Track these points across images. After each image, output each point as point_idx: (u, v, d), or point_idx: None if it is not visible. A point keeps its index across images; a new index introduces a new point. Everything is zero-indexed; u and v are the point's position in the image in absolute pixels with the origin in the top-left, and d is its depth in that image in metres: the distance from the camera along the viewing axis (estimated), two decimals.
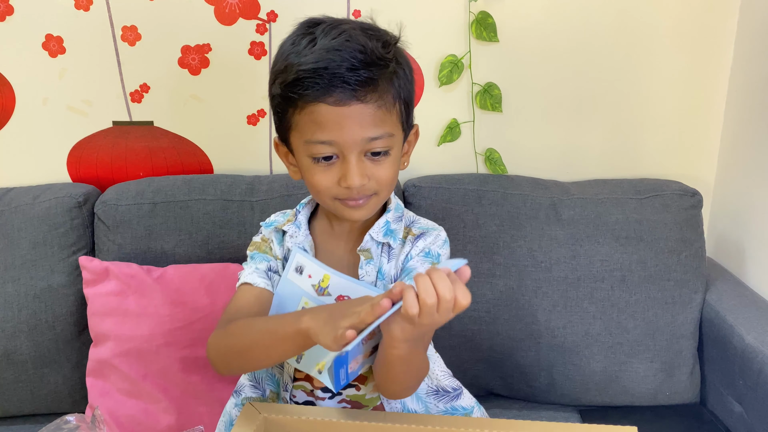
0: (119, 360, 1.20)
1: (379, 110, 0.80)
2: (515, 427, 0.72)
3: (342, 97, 0.78)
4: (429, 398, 0.95)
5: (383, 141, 0.82)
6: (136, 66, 1.38)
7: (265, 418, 0.77)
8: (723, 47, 1.37)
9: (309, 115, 0.80)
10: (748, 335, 1.15)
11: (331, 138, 0.80)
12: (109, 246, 1.30)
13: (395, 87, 0.82)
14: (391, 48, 0.82)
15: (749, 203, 1.35)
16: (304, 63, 0.78)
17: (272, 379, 0.97)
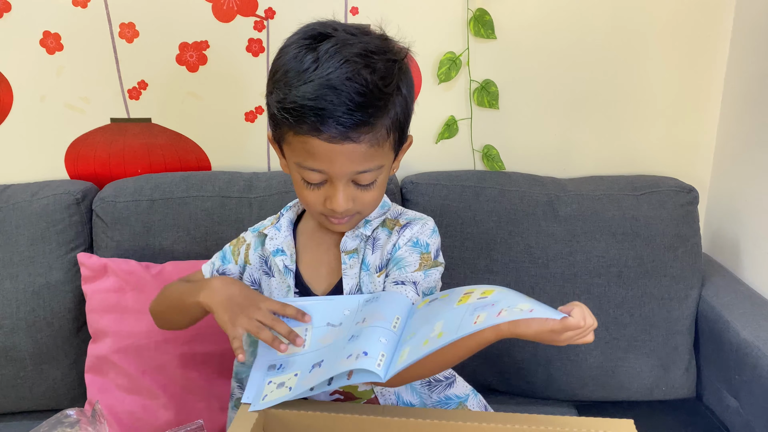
0: (118, 356, 1.20)
1: (372, 147, 0.81)
2: (512, 420, 0.72)
3: (335, 135, 0.78)
4: (423, 389, 0.95)
5: (372, 174, 0.84)
6: (134, 63, 1.38)
7: (264, 412, 0.77)
8: (719, 44, 1.38)
9: (302, 143, 0.81)
10: (743, 330, 1.16)
11: (322, 168, 0.81)
12: (107, 243, 1.30)
13: (390, 118, 0.81)
14: (392, 78, 0.81)
15: (745, 199, 1.35)
16: (303, 94, 0.77)
17: None
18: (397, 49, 0.84)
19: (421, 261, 0.90)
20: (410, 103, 0.86)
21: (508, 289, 0.78)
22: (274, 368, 0.84)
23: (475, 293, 0.78)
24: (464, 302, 0.77)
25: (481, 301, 0.75)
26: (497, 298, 0.75)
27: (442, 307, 0.78)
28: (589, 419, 0.72)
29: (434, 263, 0.91)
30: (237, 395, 0.99)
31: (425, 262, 0.90)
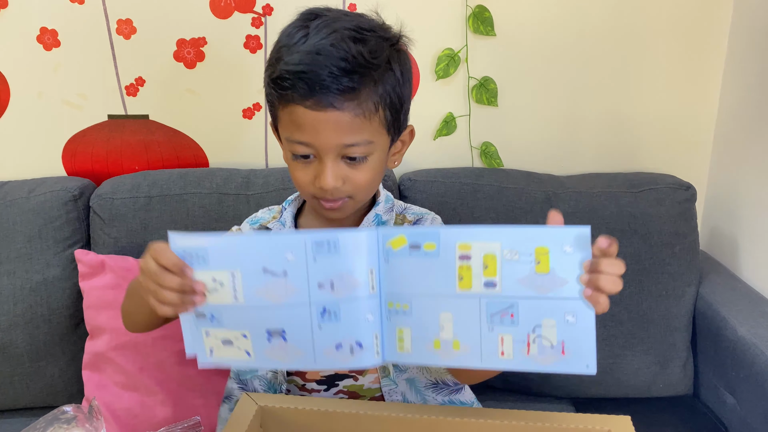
0: (115, 353, 1.20)
1: (357, 118, 0.79)
2: (509, 417, 0.72)
3: (319, 102, 0.77)
4: (427, 391, 0.94)
5: (361, 148, 0.81)
6: (132, 59, 1.38)
7: (262, 408, 0.77)
8: (717, 42, 1.38)
9: (289, 114, 0.80)
10: (740, 327, 1.16)
11: (308, 140, 0.80)
12: (104, 239, 1.30)
13: (378, 94, 0.80)
14: (382, 52, 0.80)
15: (742, 197, 1.36)
16: (289, 62, 0.78)
17: (267, 382, 0.95)
18: (392, 33, 0.84)
19: None
20: (405, 86, 0.84)
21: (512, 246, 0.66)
22: (203, 317, 0.72)
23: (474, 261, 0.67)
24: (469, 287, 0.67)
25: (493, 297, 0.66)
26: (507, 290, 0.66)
27: (439, 279, 0.68)
28: (586, 415, 0.72)
29: None
30: (237, 397, 0.96)
31: None
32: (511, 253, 0.66)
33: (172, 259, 0.69)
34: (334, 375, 0.91)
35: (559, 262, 0.65)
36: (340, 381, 0.92)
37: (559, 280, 0.65)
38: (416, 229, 0.72)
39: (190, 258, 0.70)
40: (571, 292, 0.66)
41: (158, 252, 0.69)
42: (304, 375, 0.92)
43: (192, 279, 0.69)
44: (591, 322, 0.67)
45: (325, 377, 0.92)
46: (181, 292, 0.69)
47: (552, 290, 0.66)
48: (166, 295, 0.69)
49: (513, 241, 0.66)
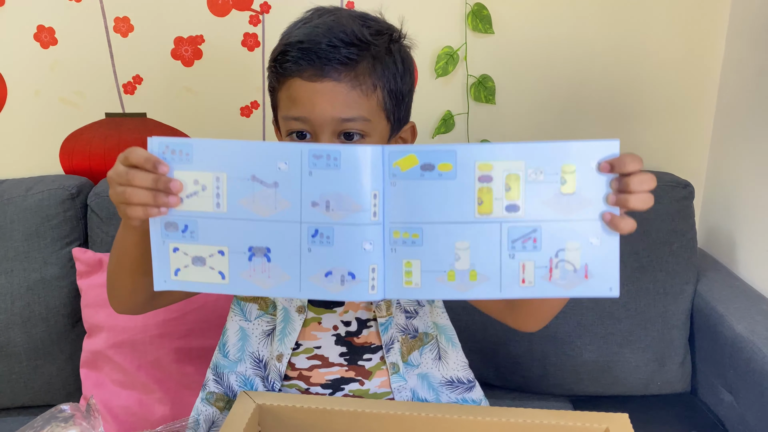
0: (113, 351, 1.20)
1: (353, 91, 0.78)
2: (507, 414, 0.72)
3: (315, 72, 0.77)
4: (442, 388, 0.93)
5: (358, 124, 0.79)
6: (129, 57, 1.38)
7: (260, 407, 0.77)
8: (715, 40, 1.38)
9: (286, 90, 0.80)
10: (738, 325, 1.16)
11: (303, 114, 0.79)
12: (102, 237, 1.30)
13: (377, 74, 0.80)
14: (382, 38, 0.81)
15: (740, 194, 1.36)
16: (290, 37, 0.80)
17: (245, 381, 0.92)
18: (395, 29, 0.85)
19: None
20: (405, 79, 0.84)
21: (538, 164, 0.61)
22: (174, 228, 0.65)
23: (496, 183, 0.62)
24: (490, 212, 0.63)
25: (515, 222, 0.62)
26: (530, 213, 0.62)
27: (456, 204, 0.63)
28: (584, 413, 0.72)
29: None
30: (210, 389, 0.94)
31: None
32: (536, 173, 0.61)
33: (143, 155, 0.63)
34: (339, 379, 0.89)
35: (586, 181, 0.61)
36: (346, 385, 0.89)
37: (585, 201, 0.62)
38: (429, 146, 0.64)
39: (172, 156, 0.63)
40: (597, 212, 0.62)
41: (129, 151, 0.64)
42: (308, 379, 0.90)
43: (167, 176, 0.63)
44: (616, 243, 0.63)
45: (330, 381, 0.89)
46: (153, 189, 0.63)
47: (577, 212, 0.62)
48: (136, 193, 0.63)
49: (539, 158, 0.61)
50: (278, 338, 0.90)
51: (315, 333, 0.90)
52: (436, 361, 0.93)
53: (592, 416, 0.71)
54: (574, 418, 0.71)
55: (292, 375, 0.91)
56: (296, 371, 0.90)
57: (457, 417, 0.72)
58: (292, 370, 0.90)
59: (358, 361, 0.89)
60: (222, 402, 0.93)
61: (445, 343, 0.94)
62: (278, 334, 0.90)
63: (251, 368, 0.92)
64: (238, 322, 0.94)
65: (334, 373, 0.89)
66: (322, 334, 0.90)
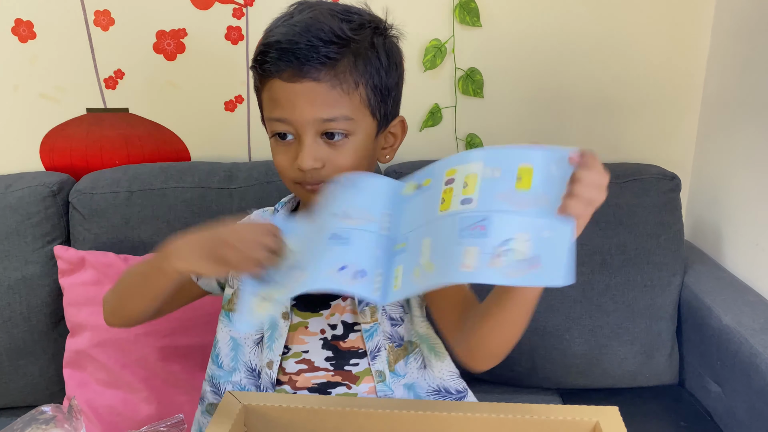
0: (97, 350, 1.18)
1: (333, 90, 0.77)
2: (496, 410, 0.72)
3: (294, 73, 0.76)
4: (429, 397, 0.90)
5: (340, 123, 0.78)
6: (110, 51, 1.35)
7: (246, 407, 0.76)
8: (700, 31, 1.38)
9: (268, 91, 0.80)
10: (725, 316, 1.16)
11: (285, 116, 0.79)
12: (84, 235, 1.28)
13: (359, 70, 0.78)
14: (364, 32, 0.80)
15: (726, 186, 1.36)
16: (269, 37, 0.79)
17: (235, 385, 0.91)
18: (380, 21, 0.84)
19: None
20: (391, 73, 0.83)
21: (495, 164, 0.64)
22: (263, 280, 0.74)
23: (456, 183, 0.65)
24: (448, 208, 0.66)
25: (467, 212, 0.64)
26: (482, 204, 0.63)
27: (427, 208, 0.68)
28: (574, 407, 0.72)
29: None
30: (209, 400, 0.93)
31: None
32: (493, 171, 0.64)
33: (270, 226, 0.75)
34: (325, 383, 0.88)
35: (542, 181, 0.63)
36: (333, 389, 0.88)
37: (539, 197, 0.63)
38: (419, 171, 0.71)
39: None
40: (551, 209, 0.63)
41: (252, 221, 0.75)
42: (295, 384, 0.88)
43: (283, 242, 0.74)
44: (568, 235, 0.63)
45: (316, 385, 0.88)
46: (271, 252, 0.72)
47: (530, 206, 0.63)
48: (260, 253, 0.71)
49: (496, 159, 0.65)
50: (267, 345, 0.89)
51: (303, 337, 0.88)
52: (421, 371, 0.90)
53: (582, 410, 0.71)
54: (564, 412, 0.70)
55: (283, 380, 0.89)
56: (286, 375, 0.89)
57: (447, 414, 0.71)
58: (282, 374, 0.89)
59: (344, 366, 0.87)
60: None
61: (428, 353, 0.90)
62: (266, 341, 0.89)
63: (246, 377, 0.91)
64: (229, 333, 0.92)
65: (320, 377, 0.88)
66: (309, 338, 0.88)
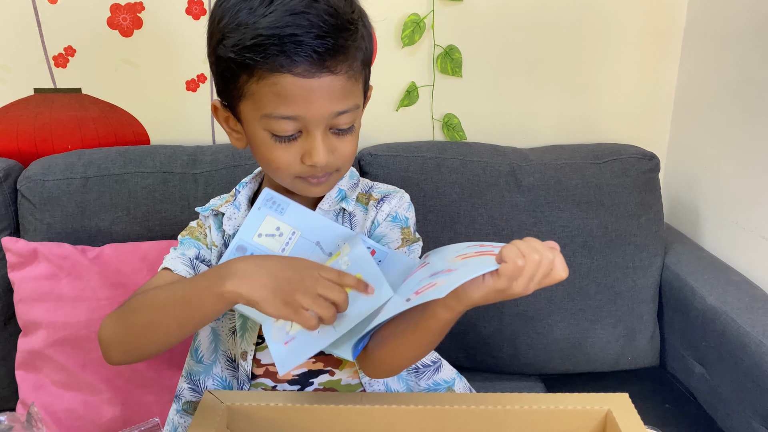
0: (53, 350, 1.09)
1: (349, 81, 0.72)
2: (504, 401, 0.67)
3: (311, 67, 0.68)
4: (410, 376, 0.89)
5: (350, 115, 0.73)
6: (59, 27, 1.25)
7: (228, 408, 0.70)
8: (676, 10, 1.36)
9: (271, 86, 0.69)
10: (709, 296, 1.15)
11: (297, 113, 0.70)
12: (36, 225, 1.18)
13: (362, 51, 0.73)
14: (354, 5, 0.74)
15: (702, 166, 1.35)
16: (265, 25, 0.68)
17: (222, 382, 0.87)
18: None
19: (402, 236, 0.83)
20: (372, 41, 0.78)
21: (442, 249, 0.71)
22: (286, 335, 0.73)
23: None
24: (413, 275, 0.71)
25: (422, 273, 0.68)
26: (433, 267, 0.67)
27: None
28: (584, 395, 0.68)
29: (414, 238, 0.84)
30: (187, 398, 0.88)
31: (407, 237, 0.83)
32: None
33: (355, 279, 0.70)
34: (307, 372, 0.84)
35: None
36: (315, 378, 0.84)
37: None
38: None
39: (271, 205, 0.80)
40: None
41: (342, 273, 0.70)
42: (274, 375, 0.84)
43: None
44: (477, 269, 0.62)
45: (297, 376, 0.84)
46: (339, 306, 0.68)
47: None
48: (330, 312, 0.67)
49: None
50: (239, 335, 0.84)
51: None
52: None
53: (592, 398, 0.67)
54: (575, 401, 0.67)
55: (258, 372, 0.85)
56: (262, 368, 0.84)
57: (449, 407, 0.66)
58: (258, 366, 0.84)
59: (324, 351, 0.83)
60: None
61: None
62: (239, 330, 0.84)
63: (226, 368, 0.87)
64: (210, 326, 0.87)
65: (300, 366, 0.84)
66: None
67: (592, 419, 0.65)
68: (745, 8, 1.19)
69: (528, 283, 0.61)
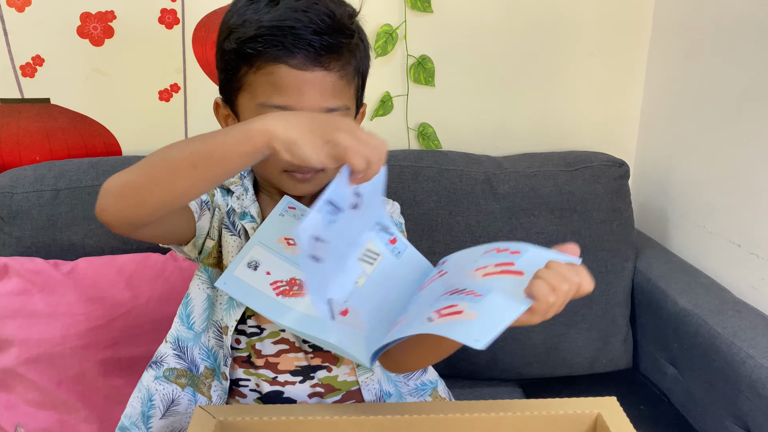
0: (26, 368, 1.05)
1: (341, 80, 0.76)
2: (496, 408, 0.68)
3: (305, 60, 0.73)
4: (399, 378, 0.91)
5: (339, 114, 0.77)
6: (27, 35, 1.22)
7: (221, 423, 0.69)
8: (643, 21, 1.40)
9: (267, 75, 0.74)
10: (681, 299, 1.18)
11: (289, 103, 0.74)
12: (5, 240, 1.15)
13: (357, 60, 0.79)
14: (354, 20, 0.79)
15: (670, 172, 1.39)
16: (267, 19, 0.74)
17: (209, 353, 0.86)
18: (352, 6, 0.81)
19: None
20: (369, 60, 0.82)
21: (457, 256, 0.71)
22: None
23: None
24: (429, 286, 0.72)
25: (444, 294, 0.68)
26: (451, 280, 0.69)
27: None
28: (573, 400, 0.69)
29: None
30: (171, 365, 0.85)
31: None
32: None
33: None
34: (307, 366, 0.85)
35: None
36: (314, 373, 0.85)
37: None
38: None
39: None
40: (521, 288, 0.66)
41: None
42: (276, 366, 0.84)
43: None
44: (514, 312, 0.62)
45: (299, 368, 0.84)
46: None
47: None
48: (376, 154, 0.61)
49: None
50: (225, 307, 0.83)
51: None
52: None
53: (582, 402, 0.68)
54: (565, 405, 0.68)
55: (259, 363, 0.84)
56: (262, 359, 0.84)
57: (443, 416, 0.67)
58: (258, 357, 0.84)
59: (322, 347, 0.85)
60: (185, 378, 0.85)
61: None
62: (225, 303, 0.83)
63: (214, 338, 0.85)
64: (206, 290, 0.86)
65: (301, 359, 0.85)
66: None
67: (582, 423, 0.67)
68: (710, 17, 1.24)
69: (558, 310, 0.63)
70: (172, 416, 0.84)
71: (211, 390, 0.84)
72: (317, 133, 0.60)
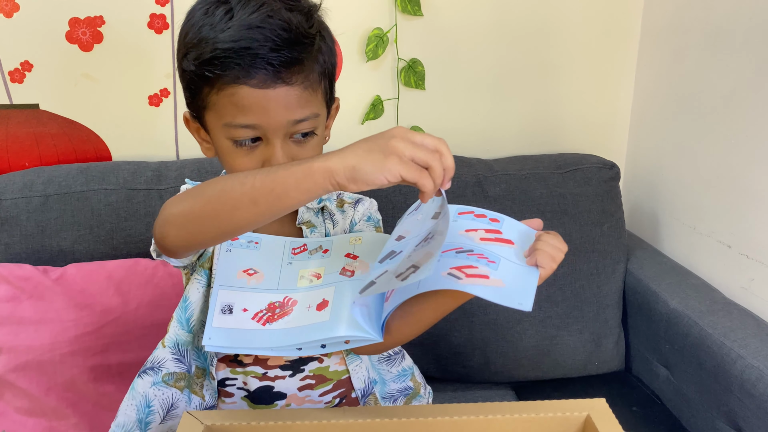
0: (15, 375, 1.05)
1: (305, 91, 0.74)
2: (485, 410, 0.68)
3: (266, 78, 0.71)
4: (381, 365, 0.92)
5: (309, 122, 0.76)
6: (15, 41, 1.22)
7: (208, 428, 0.68)
8: (632, 23, 1.41)
9: (229, 97, 0.72)
10: (672, 300, 1.18)
11: (255, 121, 0.73)
12: None
13: (320, 64, 0.76)
14: (313, 20, 0.76)
15: (660, 174, 1.39)
16: (222, 40, 0.70)
17: (199, 353, 0.85)
18: (311, 1, 0.79)
19: None
20: (334, 54, 0.80)
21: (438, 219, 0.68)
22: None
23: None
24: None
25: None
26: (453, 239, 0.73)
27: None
28: (562, 402, 0.69)
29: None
30: (170, 369, 0.84)
31: None
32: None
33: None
34: (298, 360, 0.85)
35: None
36: (305, 365, 0.85)
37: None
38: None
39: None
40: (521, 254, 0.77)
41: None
42: (266, 362, 0.84)
43: None
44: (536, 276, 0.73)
45: (289, 362, 0.84)
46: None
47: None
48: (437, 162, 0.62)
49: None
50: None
51: None
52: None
53: (571, 404, 0.68)
54: (554, 407, 0.68)
55: (247, 361, 0.84)
56: (251, 356, 0.84)
57: (432, 419, 0.66)
58: (246, 355, 0.84)
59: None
60: (183, 381, 0.84)
61: None
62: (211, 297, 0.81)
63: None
64: (204, 292, 0.85)
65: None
66: None
67: (571, 425, 0.67)
68: (698, 20, 1.24)
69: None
70: (171, 420, 0.84)
71: (203, 390, 0.84)
72: (373, 150, 0.61)
